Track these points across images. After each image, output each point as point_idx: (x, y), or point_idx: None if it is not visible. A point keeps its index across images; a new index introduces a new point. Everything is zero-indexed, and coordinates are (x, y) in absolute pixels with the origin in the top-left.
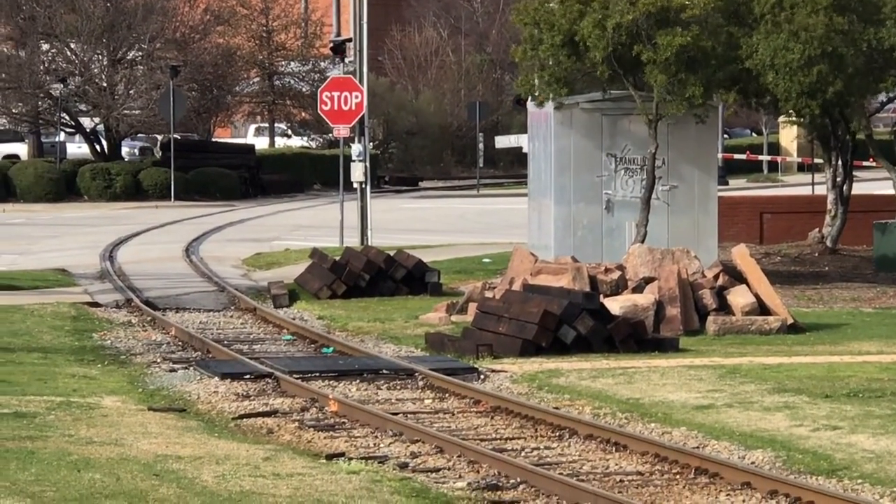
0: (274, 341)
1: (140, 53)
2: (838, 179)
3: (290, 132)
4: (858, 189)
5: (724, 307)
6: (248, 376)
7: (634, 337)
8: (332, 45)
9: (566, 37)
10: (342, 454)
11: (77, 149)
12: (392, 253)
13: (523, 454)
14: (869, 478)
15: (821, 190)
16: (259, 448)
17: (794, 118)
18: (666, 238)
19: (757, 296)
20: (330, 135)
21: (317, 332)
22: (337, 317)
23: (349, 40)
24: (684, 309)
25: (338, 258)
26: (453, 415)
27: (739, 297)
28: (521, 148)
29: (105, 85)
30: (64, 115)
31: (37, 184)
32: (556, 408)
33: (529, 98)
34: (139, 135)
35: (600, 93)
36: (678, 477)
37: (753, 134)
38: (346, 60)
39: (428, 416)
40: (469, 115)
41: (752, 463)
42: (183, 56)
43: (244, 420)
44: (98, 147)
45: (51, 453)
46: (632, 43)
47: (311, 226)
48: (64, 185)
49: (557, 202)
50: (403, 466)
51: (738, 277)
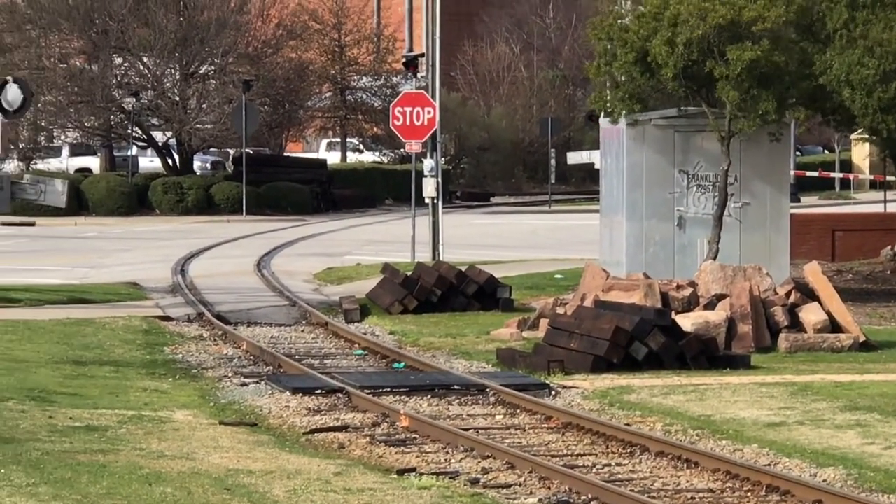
0: (345, 356)
1: (213, 68)
2: None
3: (361, 147)
4: None
5: (795, 324)
6: (319, 391)
7: (706, 354)
8: (404, 60)
9: (639, 54)
10: (413, 469)
11: (149, 163)
12: (464, 268)
13: (594, 471)
14: None
15: (893, 207)
16: (330, 463)
17: (868, 135)
18: (738, 255)
19: (829, 313)
20: (402, 150)
21: (388, 348)
22: (408, 332)
23: (421, 55)
24: (756, 326)
25: (409, 273)
26: (524, 430)
27: (811, 315)
28: (593, 164)
29: (177, 99)
30: (136, 128)
31: (109, 197)
32: (628, 424)
33: (602, 114)
34: (211, 149)
35: (673, 109)
36: (749, 494)
37: (825, 151)
38: (419, 75)
39: (499, 431)
40: (541, 130)
41: (824, 481)
42: (255, 70)
43: (315, 435)
44: (170, 161)
45: (122, 467)
46: (703, 59)
47: (382, 241)
48: (136, 199)
49: (629, 218)
50: (475, 482)
51: (809, 295)
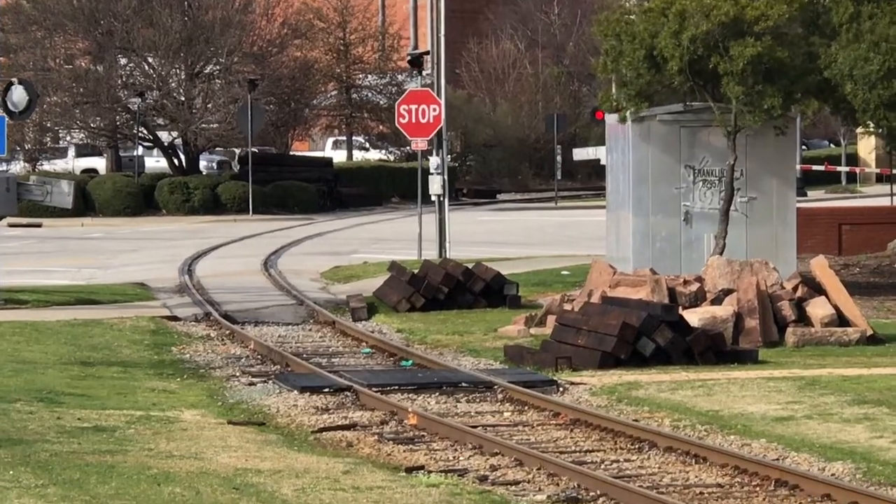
0: (353, 354)
1: (218, 67)
2: None
3: (367, 145)
4: None
5: (803, 319)
6: (327, 390)
7: (713, 349)
8: (409, 58)
9: (647, 50)
10: (422, 467)
11: (155, 163)
12: (470, 265)
13: (603, 467)
14: None
15: None
16: (338, 461)
17: (872, 129)
18: (745, 250)
19: (836, 307)
20: (408, 147)
21: (396, 346)
22: (416, 330)
23: (426, 53)
24: (763, 320)
25: (416, 271)
26: (532, 427)
27: (818, 309)
28: (599, 160)
29: (183, 99)
30: (142, 129)
31: (115, 198)
32: (636, 420)
33: (609, 112)
34: (217, 148)
35: (679, 105)
36: (758, 489)
37: (831, 145)
38: (424, 73)
39: (507, 428)
40: (547, 127)
41: (832, 475)
42: (260, 70)
43: (323, 433)
44: (176, 161)
45: (131, 467)
46: (709, 54)
47: (389, 239)
48: (142, 199)
49: (636, 214)
50: (483, 479)
51: (817, 289)
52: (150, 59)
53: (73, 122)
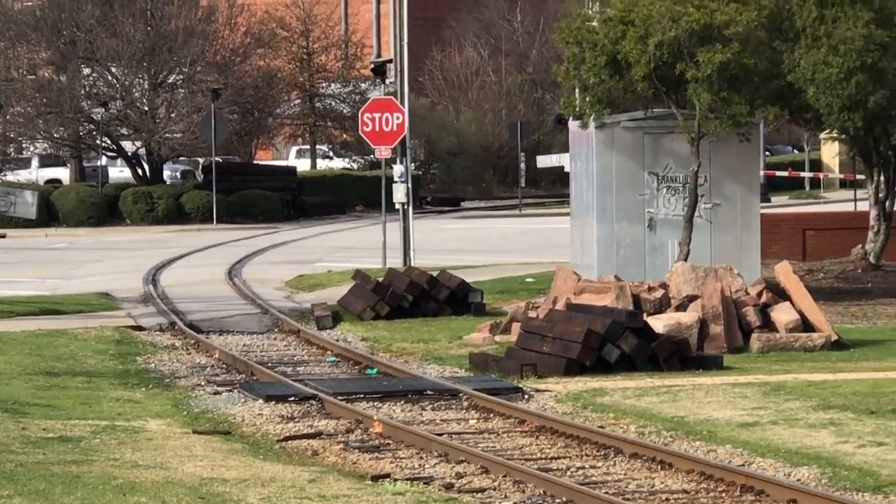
0: (318, 363)
1: (181, 77)
2: (881, 195)
3: (331, 154)
4: None
5: (767, 324)
6: (292, 398)
7: (678, 355)
8: (372, 66)
9: (609, 56)
10: (388, 475)
11: (119, 173)
12: (435, 273)
13: (568, 473)
14: None
15: (863, 206)
16: (304, 470)
17: (837, 133)
18: (709, 256)
19: (801, 313)
20: (371, 156)
21: (361, 354)
22: (380, 338)
23: (390, 61)
24: (728, 326)
25: (381, 279)
26: (498, 435)
27: (783, 314)
28: (562, 167)
29: (146, 109)
30: (105, 139)
31: (79, 208)
32: (601, 427)
33: (571, 118)
34: (181, 158)
35: (642, 111)
36: (724, 495)
37: (795, 151)
38: (387, 81)
39: (473, 436)
40: (510, 134)
41: (798, 480)
42: (224, 79)
43: (289, 442)
44: (140, 171)
45: (96, 477)
46: (674, 61)
47: (353, 247)
48: (106, 209)
49: (600, 221)
50: (449, 487)
51: (781, 294)
52: (114, 69)
53: (36, 133)
